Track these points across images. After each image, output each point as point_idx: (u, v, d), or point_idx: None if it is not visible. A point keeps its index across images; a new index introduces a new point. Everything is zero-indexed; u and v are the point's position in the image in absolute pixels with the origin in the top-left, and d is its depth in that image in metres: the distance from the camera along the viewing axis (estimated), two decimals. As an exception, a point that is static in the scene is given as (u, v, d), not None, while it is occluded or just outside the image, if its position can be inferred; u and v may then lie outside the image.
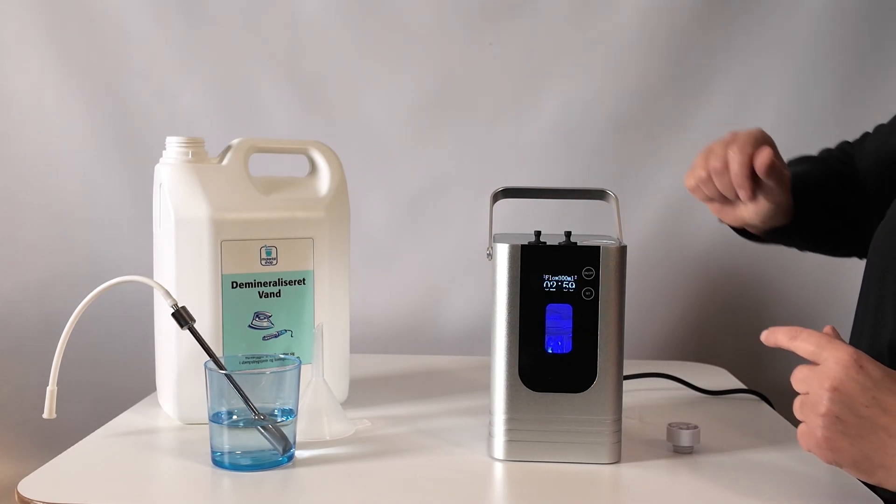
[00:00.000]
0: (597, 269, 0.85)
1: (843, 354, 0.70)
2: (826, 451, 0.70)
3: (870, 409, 0.68)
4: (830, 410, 0.69)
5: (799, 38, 1.36)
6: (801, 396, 0.72)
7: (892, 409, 0.68)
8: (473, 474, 0.85)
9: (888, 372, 0.70)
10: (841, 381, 0.69)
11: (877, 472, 0.69)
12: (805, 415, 0.71)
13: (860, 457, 0.69)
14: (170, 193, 0.96)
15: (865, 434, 0.68)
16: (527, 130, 1.41)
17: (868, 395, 0.68)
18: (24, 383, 1.36)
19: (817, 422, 0.70)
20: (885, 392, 0.68)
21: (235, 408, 0.85)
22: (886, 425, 0.68)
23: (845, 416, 0.69)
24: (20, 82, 1.38)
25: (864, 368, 0.69)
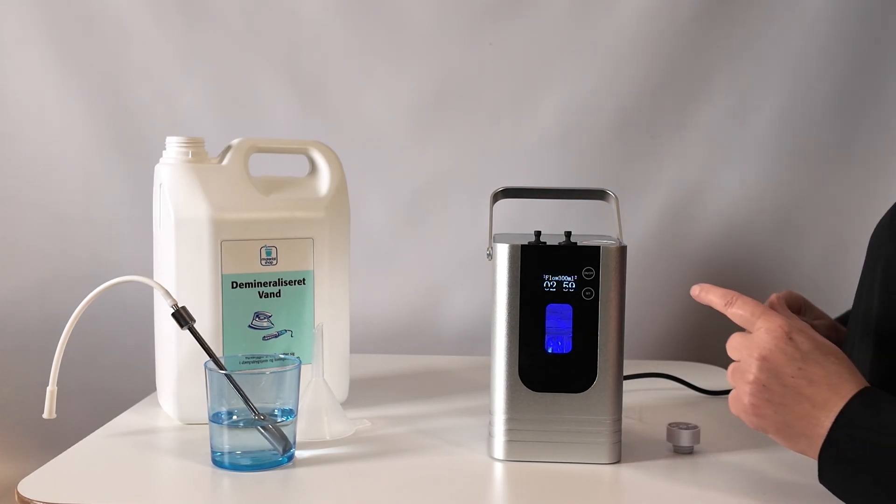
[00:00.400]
0: (597, 270, 0.85)
1: (775, 324, 0.73)
2: (752, 417, 0.73)
3: (796, 379, 0.71)
4: (758, 378, 0.72)
5: (799, 38, 1.36)
6: (734, 363, 0.76)
7: (818, 380, 0.71)
8: (473, 474, 0.85)
9: (818, 344, 0.73)
10: (770, 351, 0.72)
11: (799, 440, 0.72)
12: (735, 381, 0.75)
13: (783, 425, 0.72)
14: (170, 193, 0.96)
15: (790, 403, 0.71)
16: (527, 130, 1.41)
17: (795, 366, 0.71)
18: (24, 383, 1.36)
19: (745, 389, 0.73)
20: (811, 363, 0.71)
21: (235, 408, 0.85)
22: (811, 395, 0.71)
23: (772, 384, 0.72)
24: (20, 82, 1.38)
25: (794, 340, 0.72)
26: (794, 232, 1.39)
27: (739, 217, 1.40)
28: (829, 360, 0.72)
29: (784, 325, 0.73)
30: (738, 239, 1.39)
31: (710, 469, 0.86)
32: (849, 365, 0.73)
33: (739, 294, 0.79)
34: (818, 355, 0.72)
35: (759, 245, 1.39)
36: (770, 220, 1.39)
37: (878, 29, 1.35)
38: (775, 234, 1.39)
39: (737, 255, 1.40)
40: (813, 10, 1.35)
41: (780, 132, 1.38)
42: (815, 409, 0.70)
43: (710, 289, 0.81)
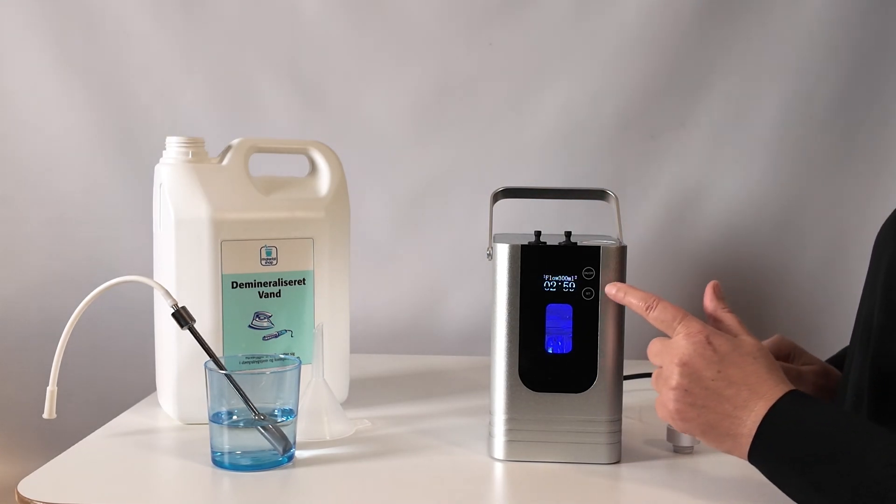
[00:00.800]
0: (597, 270, 0.85)
1: (693, 329, 0.76)
2: (678, 422, 0.76)
3: (716, 381, 0.74)
4: (680, 384, 0.75)
5: (799, 38, 1.36)
6: (657, 370, 0.78)
7: (737, 381, 0.73)
8: (473, 474, 0.85)
9: (736, 345, 0.75)
10: (689, 356, 0.75)
11: (725, 440, 0.74)
12: (659, 387, 0.77)
13: (708, 426, 0.74)
14: (170, 193, 0.96)
15: (712, 405, 0.74)
16: (527, 130, 1.40)
17: (714, 369, 0.74)
18: (24, 383, 1.36)
19: (669, 395, 0.76)
20: (730, 365, 0.74)
21: (235, 408, 0.85)
22: (731, 397, 0.73)
23: (693, 388, 0.74)
24: (20, 82, 1.38)
25: (713, 343, 0.75)
26: (794, 232, 1.39)
27: (740, 217, 1.39)
28: (748, 361, 0.75)
29: (702, 330, 0.76)
30: (738, 239, 1.39)
31: (710, 469, 0.86)
32: (768, 364, 0.75)
33: (659, 298, 0.81)
34: (736, 356, 0.75)
35: (759, 245, 1.39)
36: (771, 219, 1.39)
37: (878, 29, 1.35)
38: (776, 233, 1.39)
39: (737, 254, 1.40)
40: (813, 10, 1.35)
41: (780, 132, 1.38)
42: (737, 409, 0.73)
43: (630, 290, 0.83)
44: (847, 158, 1.38)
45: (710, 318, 0.83)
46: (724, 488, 0.81)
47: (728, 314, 0.81)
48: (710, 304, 0.83)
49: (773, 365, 0.75)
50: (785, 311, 1.41)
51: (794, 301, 1.41)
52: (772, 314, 1.41)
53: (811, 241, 1.39)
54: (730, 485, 0.81)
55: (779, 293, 1.40)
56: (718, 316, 0.82)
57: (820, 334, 1.37)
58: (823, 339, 1.35)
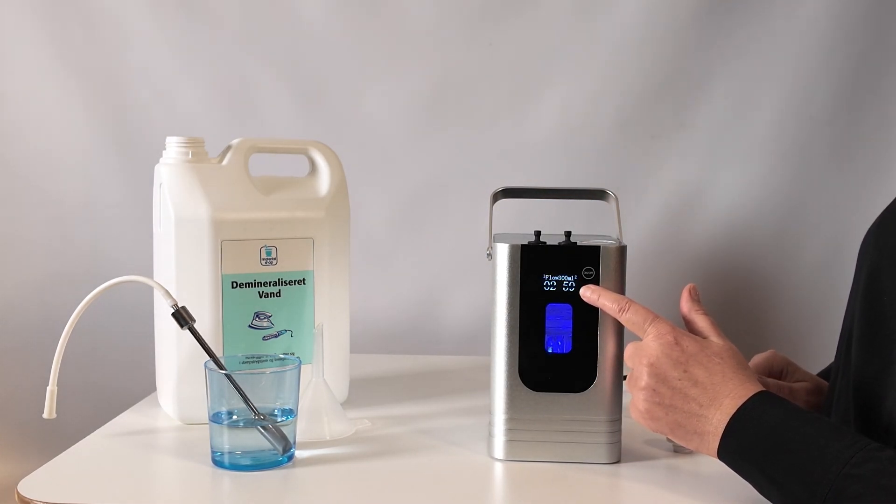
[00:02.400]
0: (597, 269, 0.85)
1: (663, 330, 0.78)
2: (648, 421, 0.78)
3: (682, 381, 0.76)
4: (648, 384, 0.77)
5: (799, 38, 1.36)
6: (630, 371, 0.81)
7: (702, 382, 0.75)
8: (473, 474, 0.85)
9: (703, 346, 0.78)
10: (657, 357, 0.77)
11: (692, 438, 0.76)
12: (631, 388, 0.80)
13: (675, 425, 0.77)
14: (170, 193, 0.96)
15: (678, 404, 0.76)
16: (527, 130, 1.40)
17: (680, 369, 0.76)
18: (24, 383, 1.36)
19: (639, 395, 0.78)
20: (695, 366, 0.76)
21: (235, 408, 0.85)
22: (696, 396, 0.75)
23: (660, 388, 0.77)
24: (20, 82, 1.38)
25: (680, 344, 0.77)
26: (794, 232, 1.39)
27: (739, 217, 1.39)
28: (714, 361, 0.77)
29: (671, 331, 0.78)
30: (738, 239, 1.39)
31: (710, 469, 0.86)
32: (735, 364, 0.77)
33: (632, 300, 0.82)
34: (703, 357, 0.77)
35: (759, 245, 1.39)
36: (770, 219, 1.39)
37: (878, 29, 1.35)
38: (775, 233, 1.39)
39: (737, 254, 1.40)
40: (813, 10, 1.35)
41: (780, 132, 1.38)
42: (703, 408, 0.75)
43: (603, 293, 0.84)
44: (846, 159, 1.38)
45: (685, 319, 0.84)
46: (724, 488, 0.80)
47: (701, 316, 0.83)
48: (684, 305, 0.84)
49: (739, 365, 0.77)
50: (784, 310, 1.41)
51: (793, 300, 1.41)
52: (771, 313, 1.42)
53: (810, 240, 1.39)
54: (729, 485, 0.81)
55: (778, 293, 1.40)
56: (692, 318, 0.83)
57: (818, 334, 1.37)
58: (822, 340, 1.35)
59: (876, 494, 0.64)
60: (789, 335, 1.41)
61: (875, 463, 0.65)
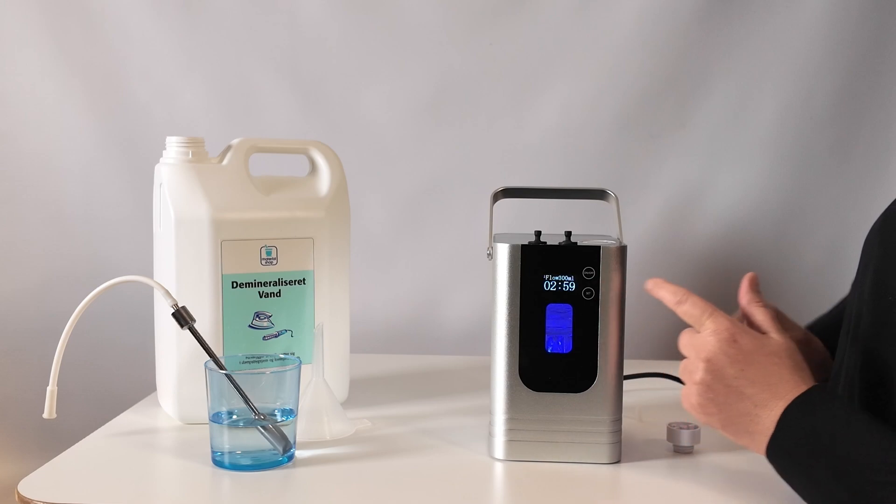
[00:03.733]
0: (597, 269, 0.85)
1: (721, 326, 0.77)
2: (700, 415, 0.78)
3: (738, 380, 0.75)
4: (703, 380, 0.76)
5: (799, 38, 1.36)
6: (684, 360, 0.80)
7: (758, 382, 0.75)
8: (473, 474, 0.85)
9: (761, 344, 0.77)
10: (714, 353, 0.76)
11: (743, 436, 0.76)
12: (685, 378, 0.79)
13: (728, 422, 0.76)
14: (170, 193, 0.96)
15: (733, 402, 0.75)
16: (527, 130, 1.40)
17: (737, 367, 0.75)
18: (24, 383, 1.36)
19: (693, 388, 0.77)
20: (752, 365, 0.75)
21: (235, 408, 0.85)
22: (751, 395, 0.75)
23: (715, 385, 0.76)
24: (20, 82, 1.38)
25: (738, 342, 0.76)
26: (793, 232, 1.39)
27: (739, 217, 1.39)
28: (771, 361, 0.76)
29: (730, 328, 0.77)
30: (738, 239, 1.39)
31: (710, 469, 0.86)
32: (792, 364, 0.76)
33: (690, 293, 0.81)
34: (760, 356, 0.76)
35: (759, 245, 1.39)
36: (770, 219, 1.39)
37: (878, 29, 1.35)
38: (775, 233, 1.39)
39: (737, 254, 1.40)
40: (813, 10, 1.35)
41: (780, 132, 1.38)
42: (756, 408, 0.75)
43: (663, 284, 0.84)
44: (846, 158, 1.38)
45: (743, 311, 0.83)
46: (724, 488, 0.81)
47: (760, 308, 0.82)
48: (743, 297, 0.83)
49: (797, 366, 0.76)
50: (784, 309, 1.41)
51: (793, 300, 1.40)
52: (772, 314, 1.41)
53: (811, 240, 1.39)
54: (729, 485, 0.81)
55: (778, 292, 1.40)
56: (751, 310, 0.83)
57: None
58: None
59: None
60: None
61: None
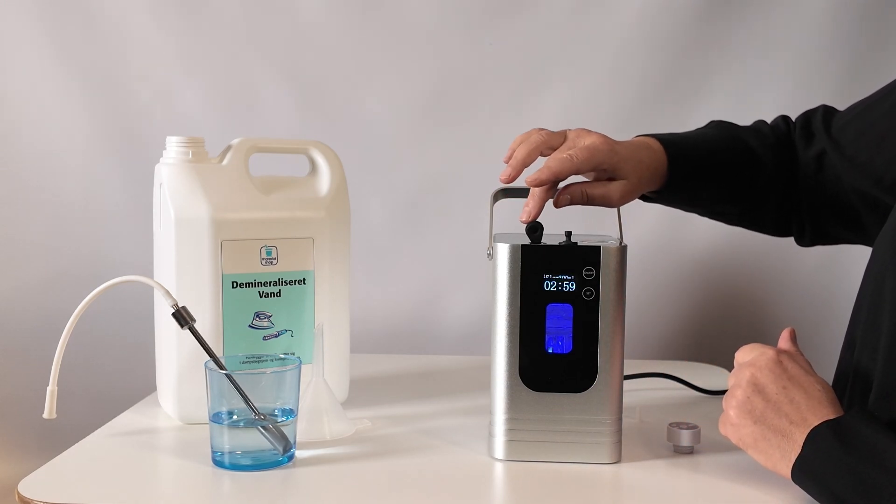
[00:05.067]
0: (597, 269, 0.85)
1: (770, 350, 0.79)
2: (729, 428, 0.79)
3: (779, 395, 0.76)
4: (744, 393, 0.78)
5: (799, 38, 1.36)
6: (732, 370, 0.81)
7: (798, 402, 0.76)
8: (473, 474, 0.85)
9: (806, 371, 0.78)
10: (760, 370, 0.78)
11: (772, 454, 0.76)
12: (727, 402, 0.80)
13: (759, 437, 0.76)
14: (170, 193, 0.96)
15: (769, 418, 0.76)
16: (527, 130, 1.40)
17: (780, 384, 0.77)
18: (24, 383, 1.36)
19: (731, 401, 0.78)
20: (795, 385, 0.76)
21: (236, 408, 0.85)
22: (789, 413, 0.75)
23: (754, 399, 0.77)
24: (20, 82, 1.38)
25: (783, 363, 0.78)
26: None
27: (739, 217, 1.39)
28: (814, 388, 0.77)
29: (777, 352, 0.79)
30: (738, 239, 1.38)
31: (710, 469, 0.86)
32: (832, 397, 0.77)
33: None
34: (804, 380, 0.77)
35: (759, 244, 1.39)
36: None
37: (878, 28, 1.35)
38: (775, 233, 1.39)
39: (737, 254, 1.40)
40: (813, 10, 1.35)
41: (780, 132, 1.38)
42: (792, 425, 0.75)
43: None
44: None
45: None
46: (724, 488, 0.80)
47: (800, 356, 0.82)
48: (784, 346, 0.83)
49: (834, 401, 0.77)
50: (785, 309, 1.41)
51: (793, 300, 1.41)
52: (771, 313, 1.42)
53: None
54: (730, 485, 0.81)
55: (779, 292, 1.40)
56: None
57: (819, 333, 1.37)
58: (823, 339, 1.35)
59: None
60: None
61: None
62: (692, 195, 1.01)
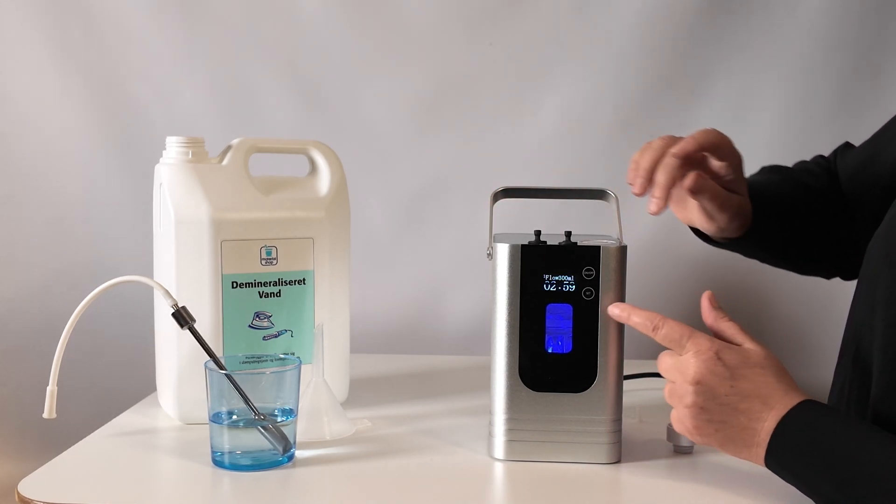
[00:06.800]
0: (597, 269, 0.85)
1: (703, 346, 0.77)
2: (697, 437, 0.78)
3: (729, 397, 0.75)
4: (695, 402, 0.76)
5: (799, 38, 1.36)
6: (669, 385, 0.80)
7: (750, 394, 0.75)
8: (473, 474, 0.85)
9: (744, 358, 0.77)
10: (702, 375, 0.76)
11: (742, 451, 0.76)
12: (674, 403, 0.79)
13: (726, 440, 0.76)
14: (170, 193, 0.96)
15: (729, 419, 0.76)
16: (527, 130, 1.41)
17: (727, 385, 0.76)
18: (24, 383, 1.36)
19: (685, 413, 0.77)
20: (741, 379, 0.76)
21: (235, 408, 0.85)
22: (745, 410, 0.75)
23: (709, 405, 0.76)
24: (20, 82, 1.38)
25: (722, 359, 0.76)
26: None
27: (739, 217, 1.39)
28: (756, 372, 0.76)
29: (711, 346, 0.77)
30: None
31: (710, 469, 0.86)
32: (776, 372, 0.77)
33: (664, 317, 0.81)
34: (745, 369, 0.76)
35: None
36: (770, 219, 1.39)
37: (877, 28, 1.35)
38: (775, 234, 1.39)
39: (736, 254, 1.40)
40: (813, 10, 1.35)
41: (780, 132, 1.38)
42: (752, 421, 0.75)
43: (634, 311, 0.83)
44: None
45: (711, 329, 0.83)
46: (724, 488, 0.81)
47: (728, 323, 0.82)
48: (708, 315, 0.83)
49: (780, 372, 0.77)
50: (784, 309, 1.41)
51: (793, 300, 1.41)
52: (771, 313, 1.42)
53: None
54: (730, 485, 0.81)
55: (778, 292, 1.40)
56: (719, 327, 0.82)
57: (818, 333, 1.37)
58: (822, 339, 1.35)
59: None
60: (788, 334, 1.41)
61: None
62: (774, 232, 1.01)
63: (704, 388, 0.76)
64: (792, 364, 1.28)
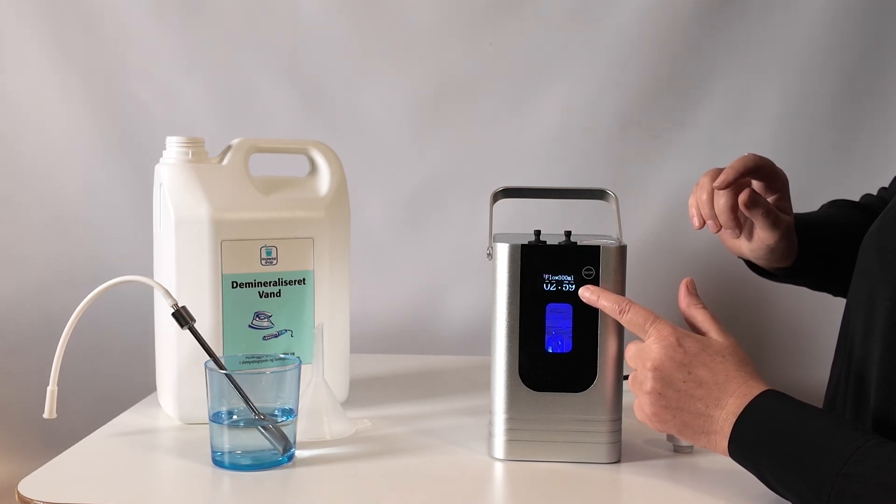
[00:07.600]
0: (597, 269, 0.85)
1: (664, 332, 0.78)
2: (655, 423, 0.79)
3: (686, 383, 0.76)
4: (653, 388, 0.77)
5: (799, 38, 1.36)
6: (633, 373, 0.81)
7: (706, 382, 0.76)
8: (473, 474, 0.85)
9: (705, 345, 0.78)
10: (661, 361, 0.77)
11: (700, 438, 0.77)
12: (635, 391, 0.80)
13: (683, 426, 0.77)
14: (170, 193, 0.96)
15: (685, 406, 0.76)
16: (527, 130, 1.41)
17: (684, 371, 0.76)
18: (24, 383, 1.36)
19: (645, 399, 0.78)
20: (698, 366, 0.76)
21: (235, 408, 0.85)
22: (702, 397, 0.76)
23: (666, 392, 0.77)
24: (20, 82, 1.38)
25: (683, 345, 0.77)
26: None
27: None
28: (716, 360, 0.77)
29: (672, 333, 0.78)
30: (738, 239, 1.39)
31: (710, 469, 0.86)
32: (737, 360, 0.77)
33: (632, 301, 0.82)
34: (705, 357, 0.77)
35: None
36: (770, 219, 1.39)
37: (878, 29, 1.35)
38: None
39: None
40: (813, 10, 1.35)
41: (780, 132, 1.38)
42: (709, 408, 0.76)
43: (603, 294, 0.84)
44: (846, 159, 1.38)
45: (684, 315, 0.83)
46: (725, 488, 0.81)
47: (700, 310, 0.82)
48: (683, 300, 0.84)
49: (741, 362, 0.77)
50: (783, 309, 1.41)
51: (792, 299, 1.41)
52: (770, 313, 1.42)
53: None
54: (730, 484, 0.81)
55: (777, 292, 1.40)
56: (691, 313, 0.83)
57: (817, 333, 1.37)
58: (821, 339, 1.35)
59: (876, 493, 0.64)
60: (788, 334, 1.41)
61: (875, 460, 0.65)
62: (820, 274, 1.02)
63: (662, 374, 0.77)
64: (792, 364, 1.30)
